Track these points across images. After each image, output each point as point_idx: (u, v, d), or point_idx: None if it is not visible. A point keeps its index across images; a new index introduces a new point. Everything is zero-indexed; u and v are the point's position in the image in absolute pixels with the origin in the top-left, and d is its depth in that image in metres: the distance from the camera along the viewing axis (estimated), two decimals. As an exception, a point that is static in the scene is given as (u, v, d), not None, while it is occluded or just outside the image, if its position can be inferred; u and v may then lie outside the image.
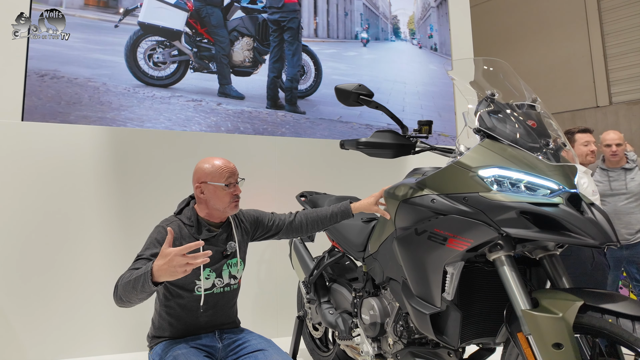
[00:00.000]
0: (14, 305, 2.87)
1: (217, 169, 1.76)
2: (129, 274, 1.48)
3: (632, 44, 8.13)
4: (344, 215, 1.99)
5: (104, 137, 3.19)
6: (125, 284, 1.45)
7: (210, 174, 1.75)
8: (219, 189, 1.74)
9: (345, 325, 2.14)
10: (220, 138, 3.50)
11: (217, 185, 1.74)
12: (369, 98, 1.74)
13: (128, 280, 1.45)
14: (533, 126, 1.47)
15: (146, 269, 1.40)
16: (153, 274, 1.37)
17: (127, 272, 1.53)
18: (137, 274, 1.42)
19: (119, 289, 1.48)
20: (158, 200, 3.18)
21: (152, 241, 1.68)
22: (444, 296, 1.48)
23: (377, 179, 3.23)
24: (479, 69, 1.73)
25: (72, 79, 3.27)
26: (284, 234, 2.01)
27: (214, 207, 1.77)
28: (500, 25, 9.50)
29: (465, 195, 1.43)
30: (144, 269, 1.42)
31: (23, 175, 2.97)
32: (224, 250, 1.81)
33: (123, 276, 1.50)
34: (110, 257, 3.07)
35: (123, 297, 1.47)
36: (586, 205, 1.31)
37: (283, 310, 3.39)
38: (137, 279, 1.41)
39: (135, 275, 1.43)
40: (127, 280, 1.45)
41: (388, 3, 4.63)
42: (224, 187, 1.74)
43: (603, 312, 1.18)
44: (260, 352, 1.69)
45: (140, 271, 1.42)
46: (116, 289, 1.50)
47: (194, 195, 1.84)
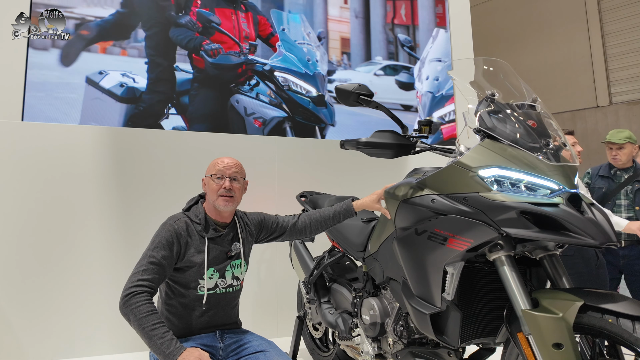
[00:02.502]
0: (14, 305, 2.87)
1: (214, 162, 1.83)
2: (151, 321, 1.51)
3: (632, 44, 8.14)
4: (347, 213, 2.00)
5: (104, 137, 3.19)
6: (143, 330, 1.50)
7: (209, 168, 1.84)
8: (210, 180, 1.80)
9: (345, 325, 2.14)
10: (221, 138, 3.50)
11: (209, 176, 1.80)
12: (369, 98, 1.74)
13: (148, 333, 1.50)
14: (533, 126, 1.47)
15: (171, 353, 1.47)
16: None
17: (145, 299, 1.55)
18: (160, 345, 1.48)
19: (132, 320, 1.52)
20: (158, 200, 3.18)
21: (161, 240, 1.68)
22: (444, 296, 1.47)
23: (377, 179, 3.22)
24: (479, 69, 1.73)
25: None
26: (287, 235, 2.02)
27: (209, 200, 1.82)
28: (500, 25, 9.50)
29: (465, 195, 1.43)
30: (168, 345, 1.48)
31: (23, 175, 2.97)
32: (229, 250, 1.81)
33: (140, 309, 1.52)
34: (110, 256, 3.07)
35: (132, 325, 1.53)
36: (586, 206, 1.32)
37: (283, 310, 3.39)
38: (158, 349, 1.48)
39: (158, 342, 1.48)
40: (147, 330, 1.50)
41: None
42: (214, 178, 1.78)
43: (603, 312, 1.18)
44: (261, 354, 1.69)
45: (164, 345, 1.48)
46: (127, 310, 1.53)
47: (204, 193, 1.87)
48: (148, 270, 1.61)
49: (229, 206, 1.79)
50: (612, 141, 3.05)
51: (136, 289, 1.56)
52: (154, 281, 1.61)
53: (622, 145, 3.03)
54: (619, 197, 3.01)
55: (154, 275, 1.61)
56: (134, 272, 1.62)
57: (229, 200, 1.78)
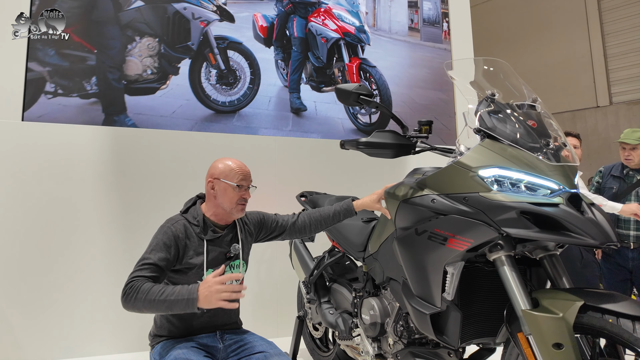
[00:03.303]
0: (13, 305, 2.87)
1: (233, 168, 1.78)
2: (157, 289, 1.49)
3: (632, 44, 8.14)
4: (347, 213, 1.99)
5: (104, 137, 3.19)
6: (154, 301, 1.47)
7: (224, 172, 1.78)
8: (229, 188, 1.75)
9: (346, 325, 2.14)
10: (221, 138, 3.50)
11: (229, 184, 1.75)
12: (369, 98, 1.74)
13: (160, 298, 1.47)
14: (533, 126, 1.47)
15: (189, 295, 1.45)
16: (199, 300, 1.44)
17: (143, 281, 1.52)
18: (176, 296, 1.46)
19: (140, 301, 1.49)
20: (158, 200, 3.18)
21: (158, 243, 1.67)
22: (444, 296, 1.48)
23: (377, 179, 3.23)
24: (479, 69, 1.73)
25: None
26: (287, 234, 2.01)
27: (221, 205, 1.77)
28: (500, 25, 9.51)
29: (465, 195, 1.43)
30: (183, 292, 1.47)
31: (23, 175, 2.97)
32: (228, 251, 1.81)
33: (142, 288, 1.49)
34: (110, 256, 3.07)
35: (143, 307, 1.50)
36: (586, 206, 1.32)
37: (283, 310, 3.39)
38: (177, 301, 1.46)
39: (173, 297, 1.46)
40: (158, 298, 1.47)
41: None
42: (235, 187, 1.75)
43: (603, 312, 1.18)
44: (261, 354, 1.68)
45: (181, 294, 1.47)
46: (131, 297, 1.50)
47: (202, 194, 1.86)
48: (144, 269, 1.59)
49: (244, 213, 1.82)
50: (625, 141, 2.99)
51: (131, 282, 1.54)
52: (150, 279, 1.58)
53: (636, 146, 2.96)
54: (629, 197, 2.98)
55: (150, 274, 1.58)
56: (130, 273, 1.60)
57: (245, 208, 1.81)
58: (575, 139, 3.08)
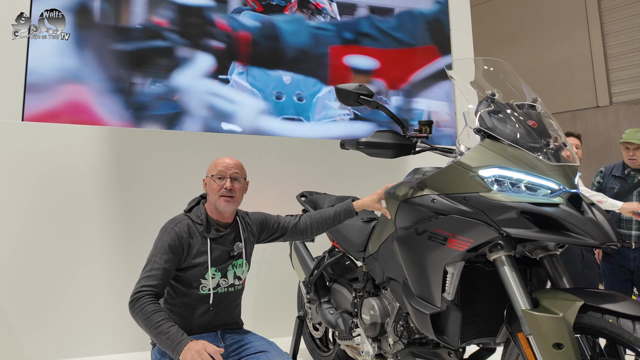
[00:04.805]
0: (13, 305, 2.87)
1: (215, 163, 1.83)
2: (156, 319, 1.54)
3: (632, 44, 8.13)
4: (348, 214, 2.00)
5: (104, 137, 3.19)
6: (149, 328, 1.55)
7: (210, 168, 1.84)
8: (210, 181, 1.80)
9: (346, 325, 2.14)
10: (221, 138, 3.50)
11: (209, 176, 1.81)
12: (369, 98, 1.74)
13: (154, 330, 1.53)
14: (533, 126, 1.47)
15: (177, 345, 1.50)
16: (181, 354, 1.48)
17: (149, 300, 1.58)
18: (167, 337, 1.51)
19: (139, 320, 1.57)
20: (158, 200, 3.18)
21: (163, 245, 1.70)
22: (444, 296, 1.48)
23: (377, 179, 3.23)
24: (479, 69, 1.73)
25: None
26: (289, 236, 2.03)
27: (210, 200, 1.82)
28: (500, 25, 9.50)
29: (465, 195, 1.43)
30: (175, 338, 1.52)
31: (23, 175, 2.97)
32: (231, 250, 1.82)
33: (145, 310, 1.56)
34: (110, 256, 3.07)
35: (140, 326, 1.57)
36: (586, 206, 1.31)
37: (283, 310, 3.39)
38: (165, 343, 1.52)
39: (164, 337, 1.52)
40: (152, 328, 1.54)
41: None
42: (211, 177, 1.79)
43: (603, 312, 1.18)
44: (262, 354, 1.69)
45: (171, 339, 1.51)
46: (134, 311, 1.58)
47: (205, 194, 1.88)
48: (151, 277, 1.64)
49: (230, 206, 1.80)
50: (629, 141, 2.96)
51: (141, 293, 1.61)
52: (158, 287, 1.64)
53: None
54: (630, 198, 2.97)
55: (158, 281, 1.64)
56: (139, 278, 1.66)
57: (230, 201, 1.78)
58: (576, 139, 3.07)
